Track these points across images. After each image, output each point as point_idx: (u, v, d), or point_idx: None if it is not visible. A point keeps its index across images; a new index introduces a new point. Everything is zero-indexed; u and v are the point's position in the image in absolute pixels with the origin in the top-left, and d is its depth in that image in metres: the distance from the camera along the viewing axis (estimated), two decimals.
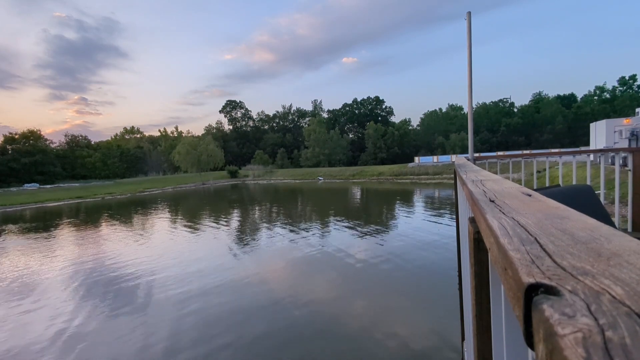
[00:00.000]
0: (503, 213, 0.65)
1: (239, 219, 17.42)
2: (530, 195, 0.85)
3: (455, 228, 4.76)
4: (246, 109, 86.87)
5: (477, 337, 0.90)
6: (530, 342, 0.31)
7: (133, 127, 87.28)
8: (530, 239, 0.46)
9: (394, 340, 4.77)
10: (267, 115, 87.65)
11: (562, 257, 0.37)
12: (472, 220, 0.92)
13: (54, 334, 5.43)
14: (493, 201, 0.80)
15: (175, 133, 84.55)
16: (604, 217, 2.80)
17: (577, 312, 0.25)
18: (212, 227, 14.91)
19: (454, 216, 6.19)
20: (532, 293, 0.31)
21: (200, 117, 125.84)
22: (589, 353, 0.20)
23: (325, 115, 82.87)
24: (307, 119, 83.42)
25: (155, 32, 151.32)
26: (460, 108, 74.95)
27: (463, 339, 3.43)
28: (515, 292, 0.36)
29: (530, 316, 0.30)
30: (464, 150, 54.82)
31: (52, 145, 69.56)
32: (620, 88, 64.52)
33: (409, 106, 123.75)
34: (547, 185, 5.46)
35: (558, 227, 0.51)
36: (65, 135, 73.86)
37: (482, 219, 0.68)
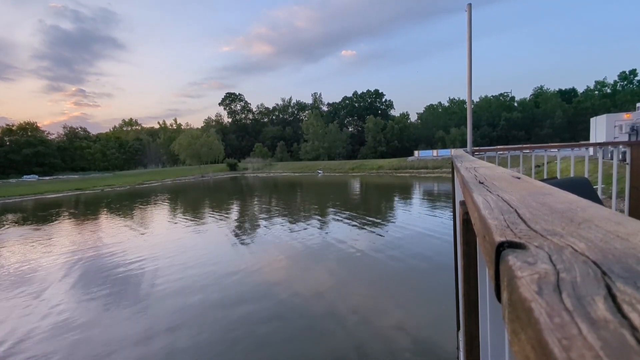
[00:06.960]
0: (489, 192, 0.67)
1: (240, 209, 17.49)
2: (519, 178, 0.87)
3: (452, 220, 4.80)
4: (245, 102, 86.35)
5: (465, 316, 0.92)
6: (499, 298, 0.33)
7: (131, 119, 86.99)
8: (510, 210, 0.47)
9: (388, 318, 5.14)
10: (267, 108, 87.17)
11: (535, 223, 0.39)
12: (462, 203, 0.93)
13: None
14: (482, 183, 0.81)
15: (174, 125, 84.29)
16: None
17: (538, 261, 0.27)
18: (216, 218, 14.99)
19: (452, 211, 6.25)
20: (501, 249, 0.32)
21: (199, 110, 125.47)
22: (541, 288, 0.22)
23: (325, 108, 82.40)
24: (307, 112, 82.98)
25: (152, 24, 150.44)
26: (462, 102, 74.57)
27: (458, 328, 3.48)
28: (490, 255, 0.38)
29: (499, 270, 0.31)
30: (464, 144, 54.67)
31: (51, 137, 69.32)
32: (621, 83, 64.21)
33: (408, 100, 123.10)
34: (544, 178, 5.48)
35: (539, 201, 0.52)
36: (64, 127, 73.70)
37: (470, 197, 0.69)
